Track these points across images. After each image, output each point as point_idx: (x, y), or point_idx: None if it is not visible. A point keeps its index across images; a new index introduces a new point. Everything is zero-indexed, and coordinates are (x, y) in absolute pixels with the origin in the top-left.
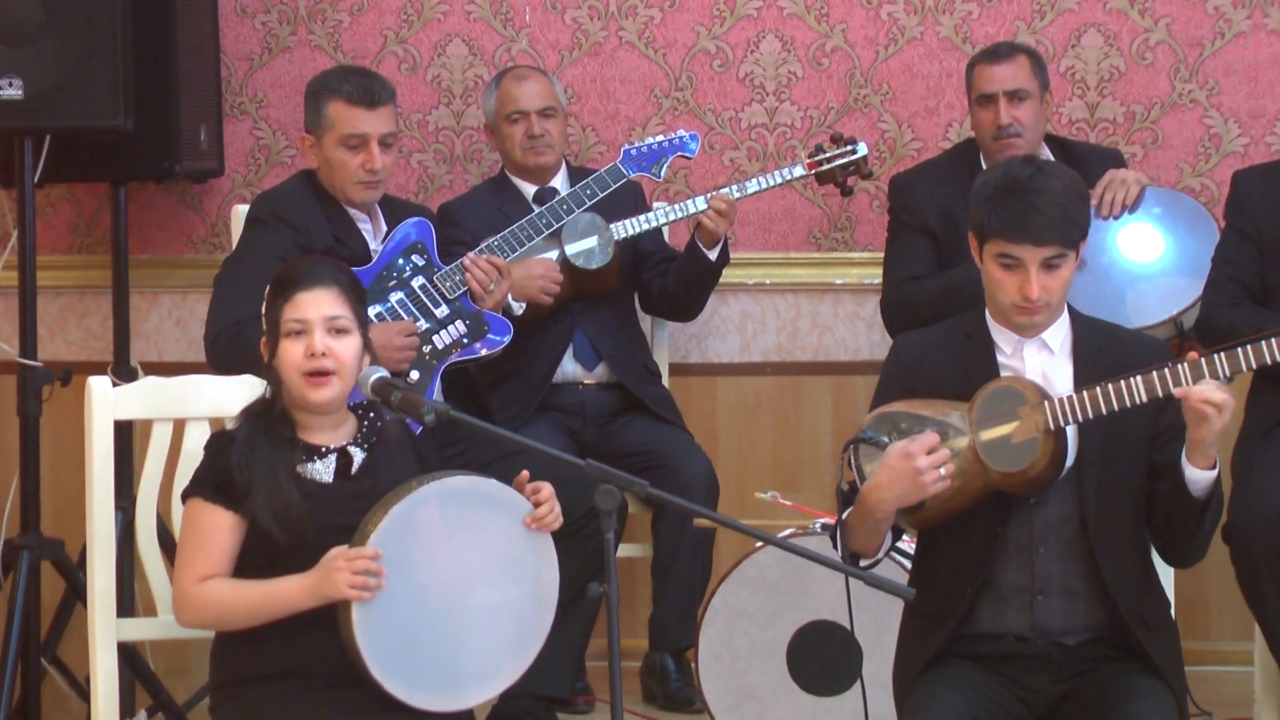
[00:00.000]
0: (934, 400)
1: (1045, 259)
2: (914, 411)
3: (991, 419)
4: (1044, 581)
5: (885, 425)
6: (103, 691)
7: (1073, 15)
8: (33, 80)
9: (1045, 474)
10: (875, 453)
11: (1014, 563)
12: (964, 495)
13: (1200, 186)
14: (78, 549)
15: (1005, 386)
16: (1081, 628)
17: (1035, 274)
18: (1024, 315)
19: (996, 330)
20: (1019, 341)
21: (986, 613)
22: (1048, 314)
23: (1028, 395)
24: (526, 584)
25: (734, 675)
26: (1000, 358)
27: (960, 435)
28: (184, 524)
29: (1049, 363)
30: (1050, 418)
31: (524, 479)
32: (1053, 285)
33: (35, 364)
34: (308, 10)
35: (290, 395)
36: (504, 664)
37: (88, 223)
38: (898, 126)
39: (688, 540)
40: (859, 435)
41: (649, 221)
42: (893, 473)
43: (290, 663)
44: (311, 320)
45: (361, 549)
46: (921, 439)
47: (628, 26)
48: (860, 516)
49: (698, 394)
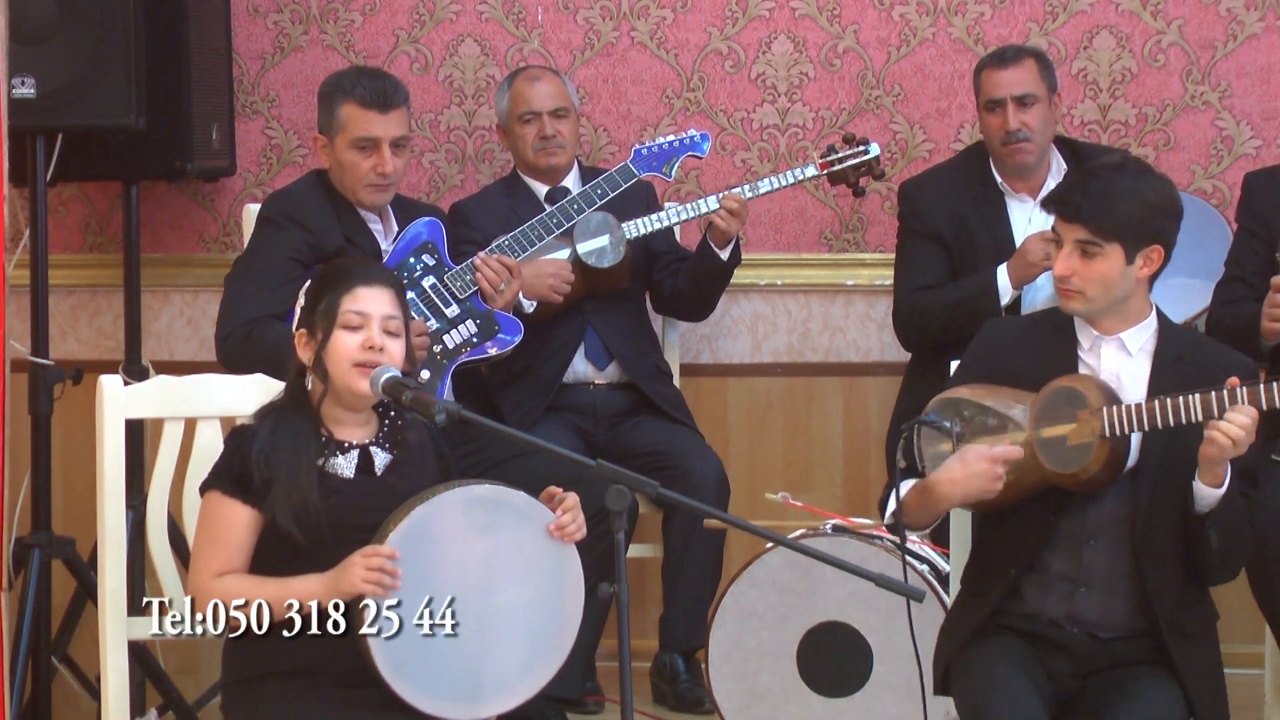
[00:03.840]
0: (1000, 389)
1: (1077, 239)
2: (978, 400)
3: (1051, 418)
4: (1089, 574)
5: (949, 410)
6: (113, 690)
7: (1085, 17)
8: (46, 79)
9: (1099, 477)
10: (935, 435)
11: (1063, 552)
12: (1019, 488)
13: (1212, 188)
14: (89, 548)
15: (1068, 387)
16: (1117, 625)
17: (1067, 252)
18: (1062, 298)
19: (1080, 325)
20: (1097, 338)
21: (1029, 592)
22: (1085, 304)
23: (1089, 399)
24: (548, 595)
25: (744, 676)
26: (1080, 352)
27: (1019, 430)
28: (201, 517)
29: (1124, 364)
30: (1107, 424)
31: (552, 492)
32: (1086, 273)
33: (47, 363)
34: (320, 10)
35: (334, 387)
36: (522, 676)
37: (99, 221)
38: (909, 128)
39: (698, 541)
40: (923, 417)
41: (661, 221)
42: (969, 471)
43: (302, 661)
44: (372, 314)
45: (379, 547)
46: (1006, 449)
47: (640, 27)
48: (924, 501)
49: (708, 394)
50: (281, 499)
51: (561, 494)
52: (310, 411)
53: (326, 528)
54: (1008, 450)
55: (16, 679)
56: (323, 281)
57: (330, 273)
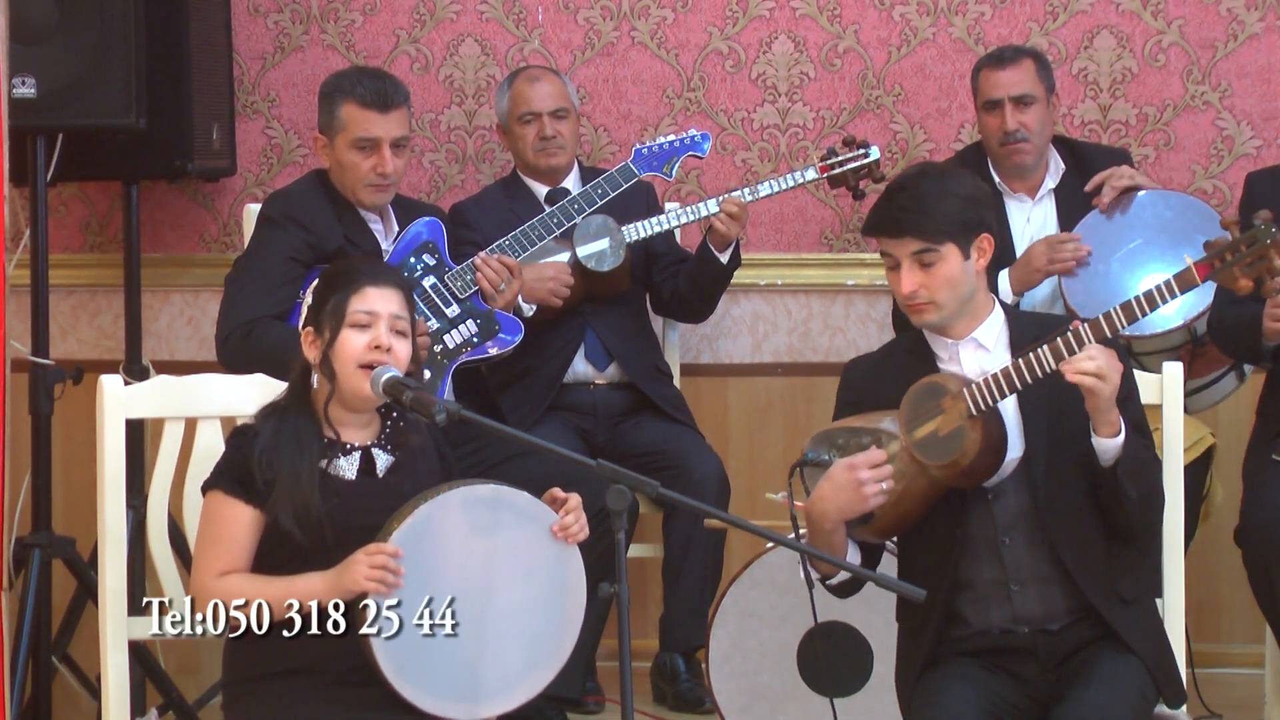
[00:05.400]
0: (868, 413)
1: (912, 253)
2: (848, 425)
3: (919, 417)
4: (1016, 572)
5: (824, 444)
6: (113, 690)
7: (1085, 17)
8: (46, 79)
9: (981, 460)
10: (817, 472)
11: (984, 558)
12: (911, 498)
13: (1212, 188)
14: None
15: (927, 383)
16: (1061, 612)
17: (906, 269)
18: (914, 314)
19: (932, 339)
20: (952, 345)
21: (969, 611)
22: (939, 313)
23: (948, 387)
24: (550, 596)
25: (744, 676)
26: (940, 365)
27: (894, 439)
28: (204, 516)
29: (986, 359)
30: (970, 403)
31: (555, 494)
32: (931, 282)
33: (47, 362)
34: (320, 10)
35: (340, 387)
36: (523, 676)
37: (100, 221)
38: (910, 128)
39: (698, 541)
40: (802, 458)
41: (661, 224)
42: (835, 485)
43: (304, 660)
44: (380, 314)
45: (382, 544)
46: (866, 454)
47: (640, 27)
48: (811, 533)
49: (709, 394)
50: (283, 501)
51: (564, 495)
52: (313, 412)
53: (328, 529)
54: (869, 454)
55: (17, 679)
56: (331, 281)
57: (339, 272)
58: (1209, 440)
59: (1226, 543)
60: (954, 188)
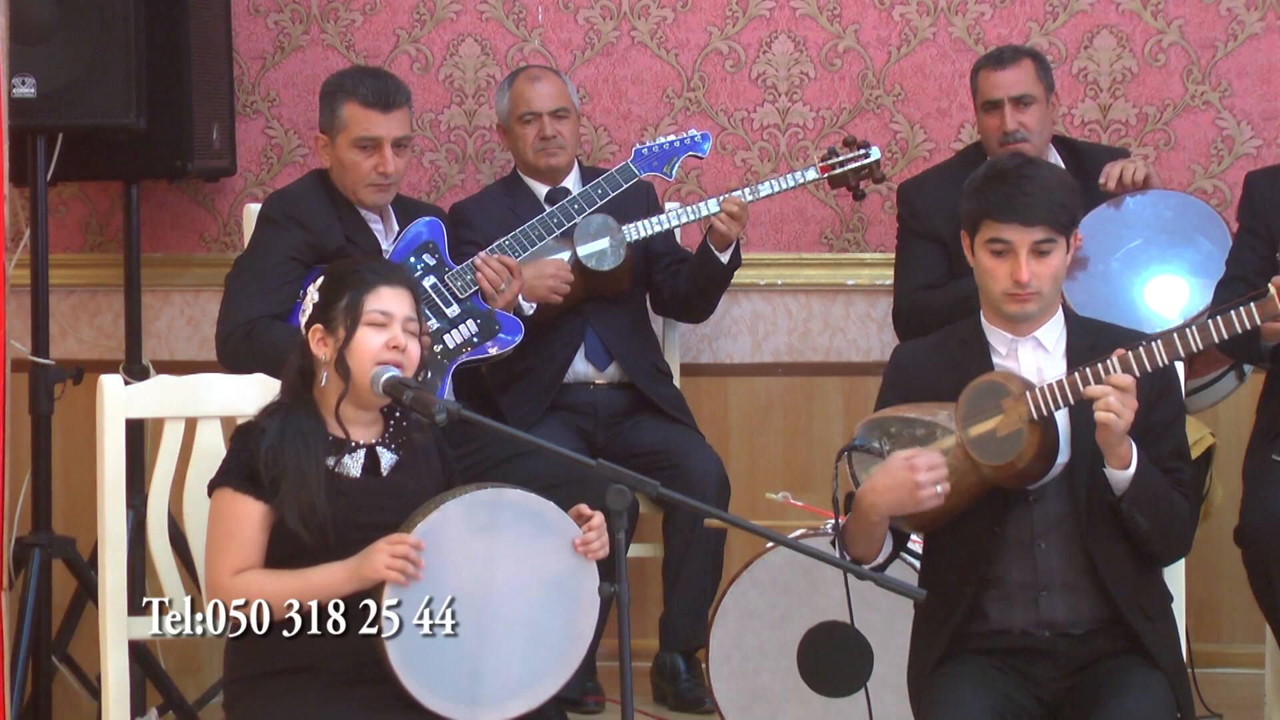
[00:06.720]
0: (923, 403)
1: (1034, 242)
2: (902, 415)
3: (977, 414)
4: (1046, 577)
5: (876, 431)
6: (113, 690)
7: (1085, 17)
8: (46, 78)
9: (1035, 465)
10: (868, 459)
11: (1016, 559)
12: (959, 494)
13: (1213, 188)
14: (89, 547)
15: (988, 381)
16: (1085, 620)
17: (1025, 258)
18: (1016, 304)
19: (991, 332)
20: (1013, 341)
21: (993, 609)
22: (1040, 304)
23: (1010, 388)
24: (564, 608)
25: (744, 676)
26: (995, 359)
27: (948, 434)
28: (213, 515)
29: (1044, 360)
30: (1033, 407)
31: (582, 510)
32: (1043, 272)
33: (47, 362)
34: (320, 9)
35: (354, 385)
36: (529, 684)
37: (100, 221)
38: (910, 127)
39: (698, 541)
40: (851, 443)
41: (661, 224)
42: (891, 479)
43: (305, 658)
44: (395, 314)
45: (405, 535)
46: (926, 456)
47: (640, 26)
48: (856, 521)
49: (709, 394)
50: (289, 499)
51: (590, 512)
52: (316, 410)
53: (331, 529)
54: (929, 455)
55: (17, 679)
56: (342, 279)
57: (350, 270)
58: (1209, 440)
59: (1226, 543)
60: (1068, 180)
